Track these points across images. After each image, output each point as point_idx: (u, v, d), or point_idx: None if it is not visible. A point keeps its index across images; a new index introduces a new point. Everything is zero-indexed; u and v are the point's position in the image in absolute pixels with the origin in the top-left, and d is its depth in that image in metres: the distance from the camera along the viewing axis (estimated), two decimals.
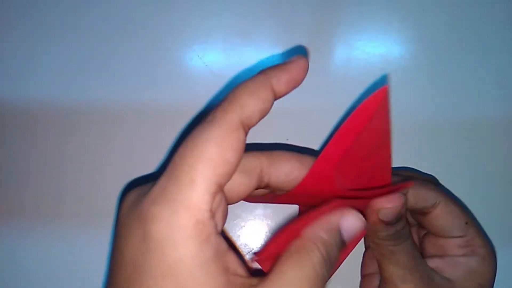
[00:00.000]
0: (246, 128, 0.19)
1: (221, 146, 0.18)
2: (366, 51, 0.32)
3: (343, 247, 0.22)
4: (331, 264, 0.20)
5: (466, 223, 0.27)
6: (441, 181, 0.33)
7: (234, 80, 0.32)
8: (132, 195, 0.20)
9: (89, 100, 0.32)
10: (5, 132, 0.33)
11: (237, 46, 0.32)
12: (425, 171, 0.33)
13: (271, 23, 0.32)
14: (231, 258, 0.19)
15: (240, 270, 0.19)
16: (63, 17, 0.32)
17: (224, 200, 0.19)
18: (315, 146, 0.33)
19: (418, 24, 0.32)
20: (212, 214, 0.18)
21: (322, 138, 0.33)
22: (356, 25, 0.32)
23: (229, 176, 0.18)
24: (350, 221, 0.22)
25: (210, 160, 0.17)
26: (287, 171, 0.23)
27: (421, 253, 0.28)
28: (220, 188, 0.18)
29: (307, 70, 0.21)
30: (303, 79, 0.21)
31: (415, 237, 0.30)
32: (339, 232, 0.21)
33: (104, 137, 0.33)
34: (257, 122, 0.20)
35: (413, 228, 0.30)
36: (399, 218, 0.24)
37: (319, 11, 0.32)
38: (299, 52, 0.31)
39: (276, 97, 0.20)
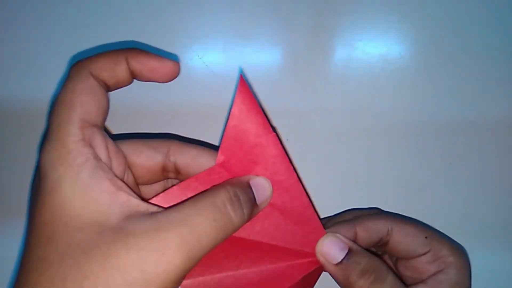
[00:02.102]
0: (100, 80, 0.22)
1: (74, 92, 0.21)
2: (366, 51, 0.32)
3: (254, 204, 0.23)
4: (241, 208, 0.21)
5: (426, 237, 0.27)
6: (441, 181, 0.33)
7: (234, 80, 0.32)
8: None
9: None
10: (5, 132, 0.33)
11: (237, 46, 0.32)
12: (425, 171, 0.33)
13: (271, 23, 0.32)
14: (124, 185, 0.21)
15: (137, 195, 0.21)
16: (63, 17, 0.32)
17: (100, 134, 0.21)
18: (315, 145, 0.33)
19: (418, 24, 0.32)
20: (86, 143, 0.20)
21: (322, 138, 0.33)
22: (356, 25, 0.32)
23: (92, 113, 0.21)
24: (259, 181, 0.23)
25: (68, 104, 0.20)
26: (193, 155, 0.25)
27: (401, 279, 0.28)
28: (88, 124, 0.21)
29: (171, 73, 0.23)
30: (164, 77, 0.23)
31: (390, 264, 0.30)
32: (249, 186, 0.23)
33: None
34: (110, 78, 0.22)
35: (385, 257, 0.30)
36: (344, 250, 0.25)
37: (319, 11, 0.32)
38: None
39: (133, 73, 0.22)
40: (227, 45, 0.32)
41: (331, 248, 0.25)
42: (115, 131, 0.32)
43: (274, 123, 0.32)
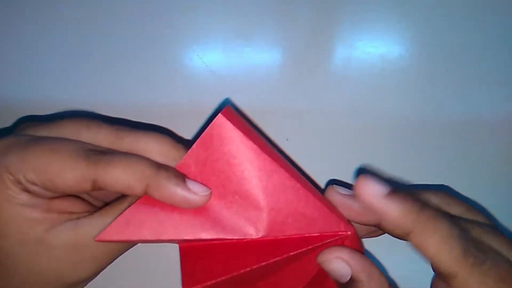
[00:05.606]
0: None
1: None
2: (366, 51, 0.32)
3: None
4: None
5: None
6: (441, 181, 0.33)
7: (234, 80, 0.32)
8: None
9: (89, 100, 0.32)
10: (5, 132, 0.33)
11: (237, 46, 0.32)
12: (425, 171, 0.33)
13: (271, 23, 0.32)
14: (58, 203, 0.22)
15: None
16: (63, 17, 0.32)
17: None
18: (315, 146, 0.33)
19: (418, 24, 0.32)
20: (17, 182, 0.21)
21: (322, 138, 0.33)
22: (356, 25, 0.32)
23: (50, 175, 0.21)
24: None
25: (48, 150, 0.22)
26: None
27: None
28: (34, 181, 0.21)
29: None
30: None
31: None
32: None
33: None
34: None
35: None
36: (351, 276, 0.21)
37: (319, 11, 0.32)
38: None
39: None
40: (227, 45, 0.32)
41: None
42: None
43: (274, 123, 0.32)
